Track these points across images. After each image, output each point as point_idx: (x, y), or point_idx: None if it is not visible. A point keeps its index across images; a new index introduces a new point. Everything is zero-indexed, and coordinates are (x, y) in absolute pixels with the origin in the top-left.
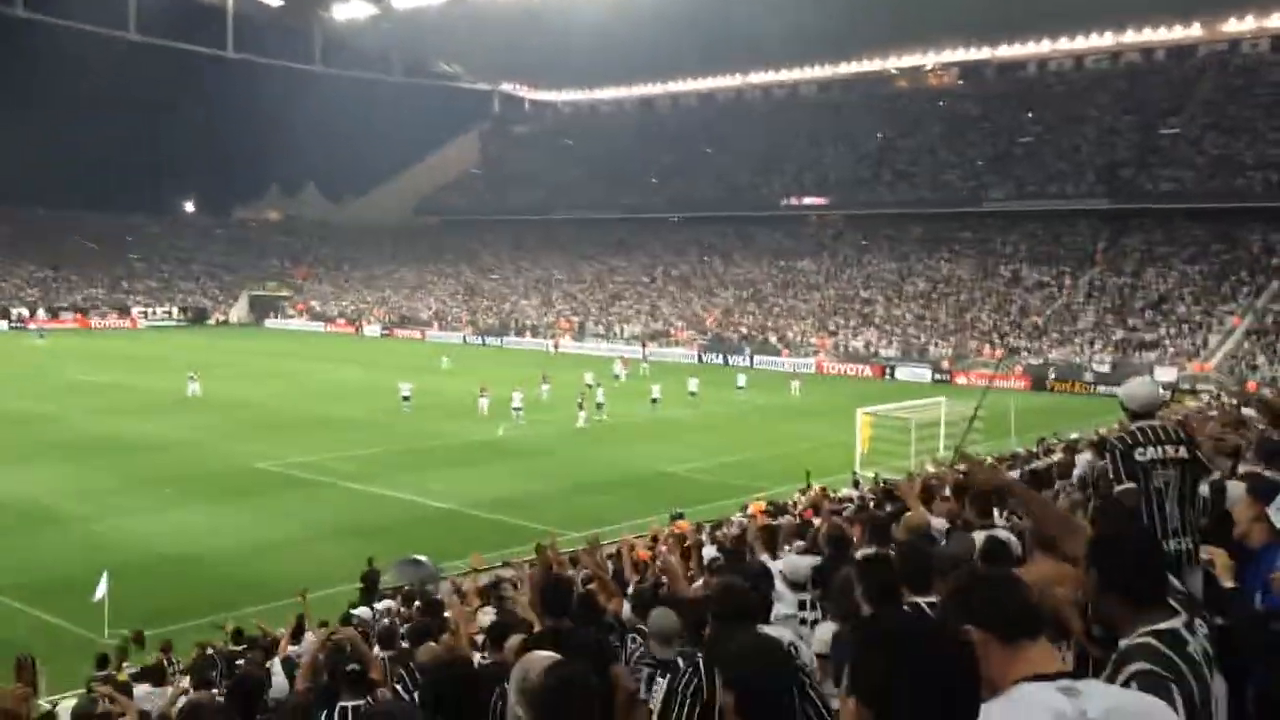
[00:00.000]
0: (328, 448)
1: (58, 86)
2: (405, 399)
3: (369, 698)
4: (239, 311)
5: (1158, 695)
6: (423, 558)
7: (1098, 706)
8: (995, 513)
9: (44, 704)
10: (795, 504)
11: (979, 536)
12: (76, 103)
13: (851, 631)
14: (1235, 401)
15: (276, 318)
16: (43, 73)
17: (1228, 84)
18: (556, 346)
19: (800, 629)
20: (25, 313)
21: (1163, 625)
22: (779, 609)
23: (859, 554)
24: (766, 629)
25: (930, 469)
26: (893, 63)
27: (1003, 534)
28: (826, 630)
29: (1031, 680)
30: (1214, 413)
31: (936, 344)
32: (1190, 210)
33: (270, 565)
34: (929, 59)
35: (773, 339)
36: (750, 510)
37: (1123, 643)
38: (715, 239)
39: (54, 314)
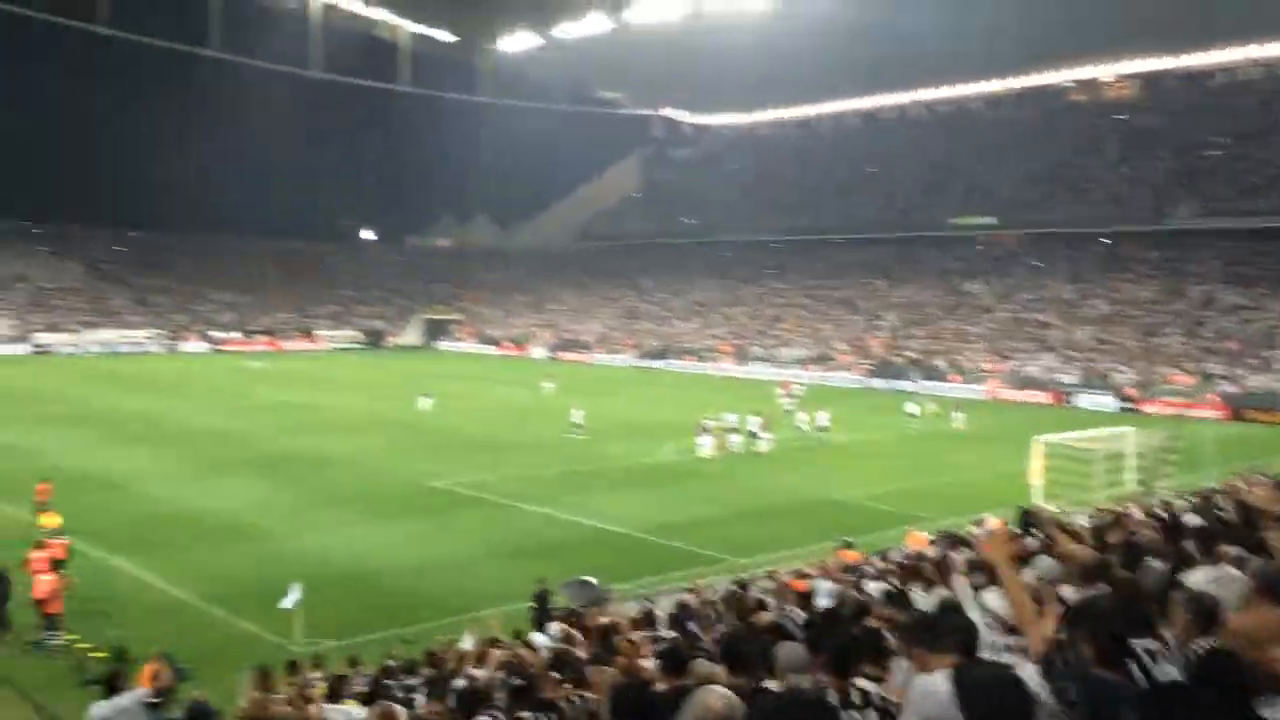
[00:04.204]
0: (498, 467)
1: (246, 121)
2: (577, 425)
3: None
4: (411, 334)
5: None
6: (592, 579)
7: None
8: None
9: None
10: (972, 535)
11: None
12: (267, 136)
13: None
14: None
15: (445, 340)
16: (232, 108)
17: None
18: (718, 369)
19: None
20: (221, 335)
21: None
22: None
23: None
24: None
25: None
26: (1066, 75)
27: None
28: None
29: None
30: None
31: (1120, 370)
32: None
33: (443, 582)
34: (1106, 70)
35: (942, 364)
36: (909, 541)
37: None
38: (879, 260)
39: (248, 336)
